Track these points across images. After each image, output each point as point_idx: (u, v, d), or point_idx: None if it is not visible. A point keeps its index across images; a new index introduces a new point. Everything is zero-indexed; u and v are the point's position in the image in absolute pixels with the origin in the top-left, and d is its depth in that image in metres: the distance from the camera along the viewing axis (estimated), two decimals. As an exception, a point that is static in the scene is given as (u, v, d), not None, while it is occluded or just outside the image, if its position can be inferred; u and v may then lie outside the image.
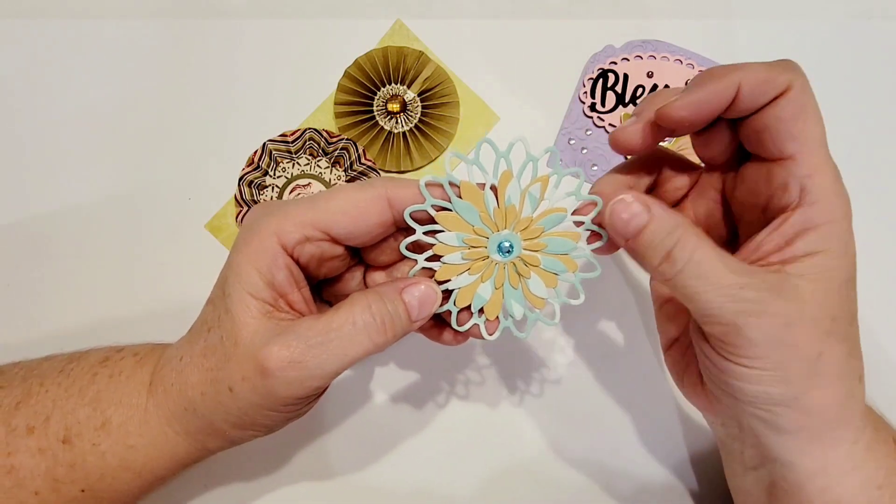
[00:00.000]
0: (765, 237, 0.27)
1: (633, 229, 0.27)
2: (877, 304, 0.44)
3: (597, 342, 0.43)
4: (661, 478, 0.42)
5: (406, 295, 0.29)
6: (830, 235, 0.26)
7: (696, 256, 0.26)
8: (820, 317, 0.26)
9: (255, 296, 0.28)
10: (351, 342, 0.28)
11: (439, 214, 0.29)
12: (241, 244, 0.29)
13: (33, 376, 0.33)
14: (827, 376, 0.27)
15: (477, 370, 0.43)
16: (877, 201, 0.45)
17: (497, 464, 0.42)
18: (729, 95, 0.26)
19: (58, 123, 0.45)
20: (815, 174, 0.26)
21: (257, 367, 0.28)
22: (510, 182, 0.29)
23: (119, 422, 0.31)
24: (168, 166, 0.45)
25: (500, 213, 0.29)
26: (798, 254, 0.26)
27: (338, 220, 0.29)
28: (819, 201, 0.26)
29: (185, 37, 0.46)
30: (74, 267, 0.44)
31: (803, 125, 0.26)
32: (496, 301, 0.30)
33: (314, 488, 0.42)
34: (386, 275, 0.33)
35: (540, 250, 0.30)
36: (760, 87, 0.26)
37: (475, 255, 0.30)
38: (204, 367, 0.29)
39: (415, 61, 0.46)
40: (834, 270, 0.26)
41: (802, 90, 0.26)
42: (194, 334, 0.31)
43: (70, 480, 0.31)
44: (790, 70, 0.27)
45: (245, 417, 0.30)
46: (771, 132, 0.27)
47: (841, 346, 0.27)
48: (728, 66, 0.27)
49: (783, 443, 0.29)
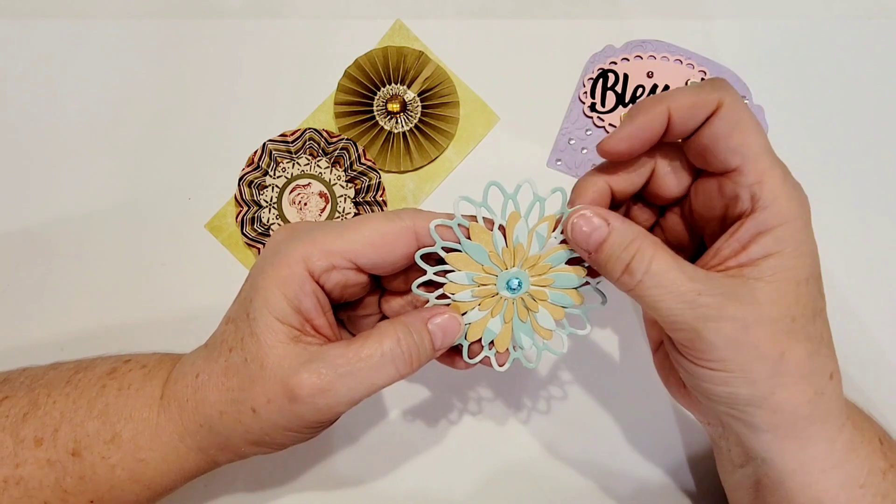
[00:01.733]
0: (722, 244, 0.28)
1: (594, 243, 0.28)
2: (876, 303, 0.44)
3: (593, 344, 0.43)
4: (658, 478, 0.42)
5: (431, 325, 0.30)
6: (784, 236, 0.27)
7: (654, 267, 0.27)
8: (779, 317, 0.27)
9: (282, 321, 0.29)
10: (378, 372, 0.29)
11: (450, 256, 0.30)
12: (268, 268, 0.29)
13: (39, 386, 0.32)
14: (791, 375, 0.27)
15: (476, 373, 0.43)
16: (875, 201, 0.45)
17: (495, 466, 0.42)
18: (661, 123, 0.28)
19: (58, 124, 0.45)
20: (763, 180, 0.27)
21: (286, 392, 0.28)
22: (518, 222, 0.29)
23: (129, 436, 0.31)
24: (168, 166, 0.45)
25: (508, 252, 0.30)
26: (754, 257, 0.27)
27: (366, 251, 0.29)
28: (770, 205, 0.27)
29: (185, 37, 0.46)
30: (75, 267, 0.44)
31: (741, 137, 0.27)
32: (506, 334, 0.31)
33: (314, 492, 0.42)
34: (402, 300, 0.33)
35: (548, 286, 0.31)
36: (690, 111, 0.27)
37: (485, 293, 0.31)
38: (225, 386, 0.30)
39: (415, 61, 0.46)
40: (791, 270, 0.27)
41: (733, 105, 0.27)
42: (213, 352, 0.31)
43: (79, 492, 0.31)
44: (718, 88, 0.27)
45: (265, 437, 0.30)
46: (711, 149, 0.28)
47: (803, 344, 0.27)
48: (657, 95, 0.28)
49: (759, 441, 0.29)
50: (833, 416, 0.29)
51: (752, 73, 0.45)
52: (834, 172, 0.45)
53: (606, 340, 0.43)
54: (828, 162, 0.45)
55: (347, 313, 0.34)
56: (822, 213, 0.32)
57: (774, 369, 0.27)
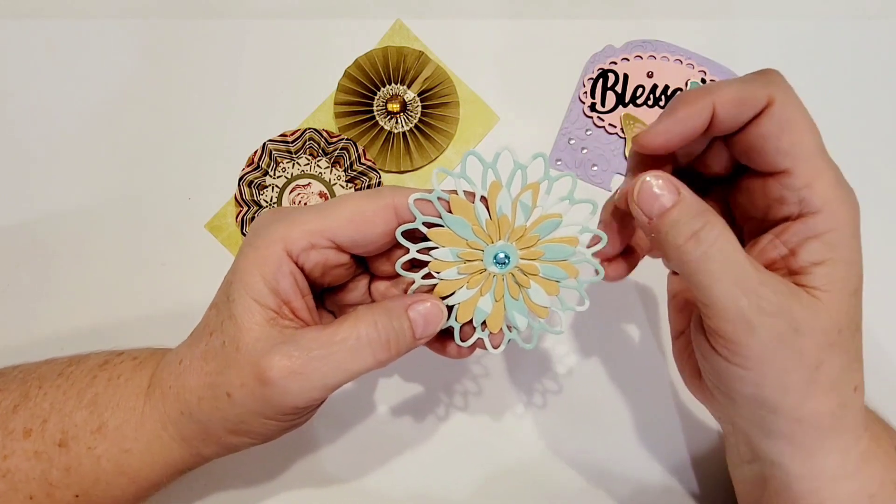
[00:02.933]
0: (767, 243, 0.27)
1: (660, 207, 0.27)
2: (878, 304, 0.44)
3: (597, 344, 0.43)
4: (661, 479, 0.42)
5: (412, 312, 0.29)
6: (836, 243, 0.26)
7: (721, 242, 0.25)
8: (829, 328, 0.26)
9: (259, 302, 0.28)
10: (353, 357, 0.28)
11: (431, 231, 0.29)
12: (248, 250, 0.29)
13: (32, 379, 0.32)
14: (822, 385, 0.26)
15: (475, 372, 0.43)
16: (878, 202, 0.45)
17: (495, 466, 0.42)
18: (703, 119, 0.26)
19: (58, 123, 0.45)
20: (814, 183, 0.26)
21: (257, 374, 0.28)
22: (500, 192, 0.28)
23: (115, 425, 0.31)
24: (168, 166, 0.45)
25: (492, 224, 0.29)
26: (805, 263, 0.26)
27: (344, 228, 0.29)
28: (821, 210, 0.26)
29: (185, 37, 0.46)
30: (75, 267, 0.44)
31: (792, 137, 0.26)
32: (498, 313, 0.30)
33: (313, 492, 0.42)
34: (391, 285, 0.33)
35: (538, 258, 0.29)
36: (736, 108, 0.26)
37: (472, 269, 0.29)
38: (203, 371, 0.29)
39: (415, 61, 0.46)
40: (844, 281, 0.26)
41: (785, 102, 0.25)
42: (196, 338, 0.31)
43: (64, 485, 0.31)
44: (769, 83, 0.26)
45: (241, 424, 0.30)
46: (758, 149, 0.26)
47: (841, 357, 0.27)
48: (703, 87, 0.26)
49: (771, 445, 0.29)
50: (852, 428, 0.28)
51: (752, 73, 0.45)
52: (834, 172, 0.45)
53: (608, 339, 0.43)
54: (828, 162, 0.45)
55: (336, 299, 0.33)
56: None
57: (809, 378, 0.26)
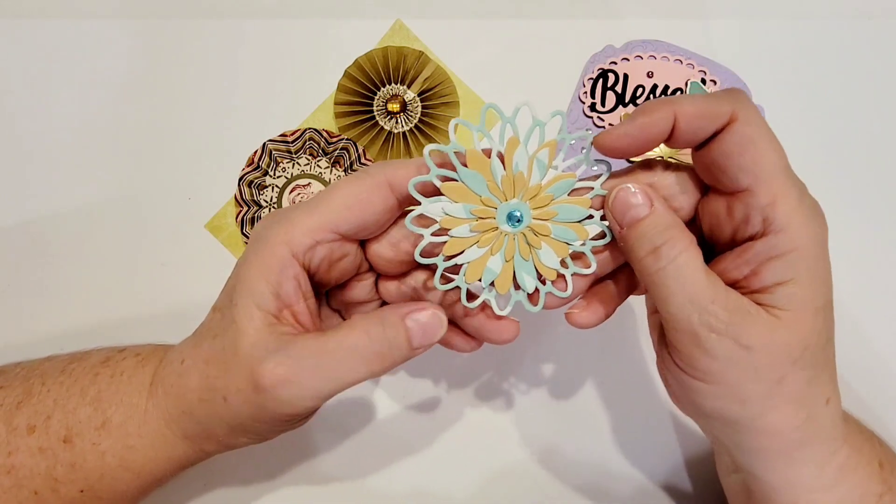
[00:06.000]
0: (729, 263, 0.27)
1: (632, 218, 0.27)
2: (878, 307, 0.44)
3: (592, 345, 0.43)
4: (656, 480, 0.42)
5: (409, 321, 0.28)
6: (798, 262, 0.26)
7: (681, 260, 0.26)
8: (791, 345, 0.26)
9: (260, 307, 0.28)
10: (345, 367, 0.28)
11: (445, 185, 0.28)
12: (251, 255, 0.29)
13: (35, 376, 0.33)
14: (785, 399, 0.26)
15: (474, 373, 0.43)
16: (877, 202, 0.45)
17: (492, 467, 0.42)
18: (663, 128, 0.26)
19: (58, 124, 0.45)
20: (776, 202, 0.25)
21: (251, 381, 0.28)
22: (517, 148, 0.28)
23: (119, 422, 0.31)
24: (168, 166, 0.45)
25: (507, 181, 0.28)
26: (767, 283, 0.26)
27: (344, 216, 0.28)
28: (784, 229, 0.25)
29: (185, 37, 0.46)
30: (75, 267, 0.44)
31: (754, 155, 0.25)
32: (507, 274, 0.29)
33: (312, 492, 0.42)
34: (399, 284, 0.32)
35: (550, 219, 0.29)
36: (698, 121, 0.26)
37: (484, 227, 0.29)
38: (205, 373, 0.29)
39: (415, 61, 0.45)
40: (807, 300, 0.26)
41: (748, 120, 0.25)
42: (198, 339, 0.31)
43: (69, 480, 0.31)
44: (732, 101, 0.26)
45: (238, 427, 0.30)
46: (721, 167, 0.26)
47: (805, 372, 0.26)
48: (667, 98, 0.26)
49: (745, 457, 0.29)
50: (824, 441, 0.28)
51: (752, 73, 0.45)
52: (834, 173, 0.45)
53: (605, 343, 0.43)
54: (828, 162, 0.45)
55: (342, 297, 0.33)
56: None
57: (768, 392, 0.26)
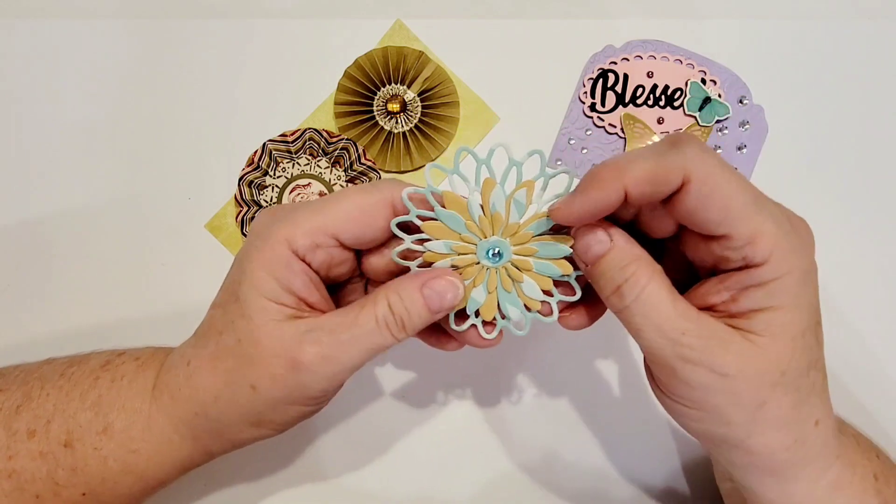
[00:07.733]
0: (710, 289, 0.27)
1: (593, 256, 0.27)
2: (875, 308, 0.44)
3: (590, 351, 0.43)
4: (654, 485, 0.42)
5: (426, 290, 0.29)
6: (779, 291, 0.25)
7: (645, 295, 0.26)
8: (769, 369, 0.26)
9: (275, 301, 0.29)
10: (375, 336, 0.29)
11: (425, 224, 0.29)
12: (253, 251, 0.29)
13: (33, 379, 0.32)
14: (769, 423, 0.26)
15: (473, 375, 0.43)
16: (877, 203, 0.45)
17: (492, 470, 0.42)
18: (614, 200, 0.25)
19: (58, 123, 0.45)
20: (755, 240, 0.25)
21: (291, 363, 0.28)
22: (493, 189, 0.28)
23: (121, 427, 0.31)
24: (168, 166, 0.45)
25: (485, 220, 0.29)
26: (744, 309, 0.26)
27: (346, 226, 0.29)
28: (765, 261, 0.25)
29: (185, 37, 0.46)
30: (75, 267, 0.44)
31: (719, 206, 0.24)
32: (491, 304, 0.30)
33: (314, 491, 0.42)
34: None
35: (531, 255, 0.30)
36: (650, 188, 0.25)
37: (465, 262, 0.30)
38: (218, 369, 0.29)
39: (415, 61, 0.45)
40: (786, 325, 0.26)
41: (702, 178, 0.24)
42: (202, 338, 0.31)
43: (71, 484, 0.31)
44: (681, 157, 0.24)
45: (263, 416, 0.30)
46: (690, 221, 0.26)
47: (789, 395, 0.26)
48: (615, 164, 0.25)
49: (737, 472, 0.29)
50: (817, 459, 0.28)
51: (752, 73, 0.45)
52: (833, 173, 0.45)
53: (603, 346, 0.43)
54: (827, 162, 0.45)
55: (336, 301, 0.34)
56: (820, 214, 0.31)
57: (752, 416, 0.26)
